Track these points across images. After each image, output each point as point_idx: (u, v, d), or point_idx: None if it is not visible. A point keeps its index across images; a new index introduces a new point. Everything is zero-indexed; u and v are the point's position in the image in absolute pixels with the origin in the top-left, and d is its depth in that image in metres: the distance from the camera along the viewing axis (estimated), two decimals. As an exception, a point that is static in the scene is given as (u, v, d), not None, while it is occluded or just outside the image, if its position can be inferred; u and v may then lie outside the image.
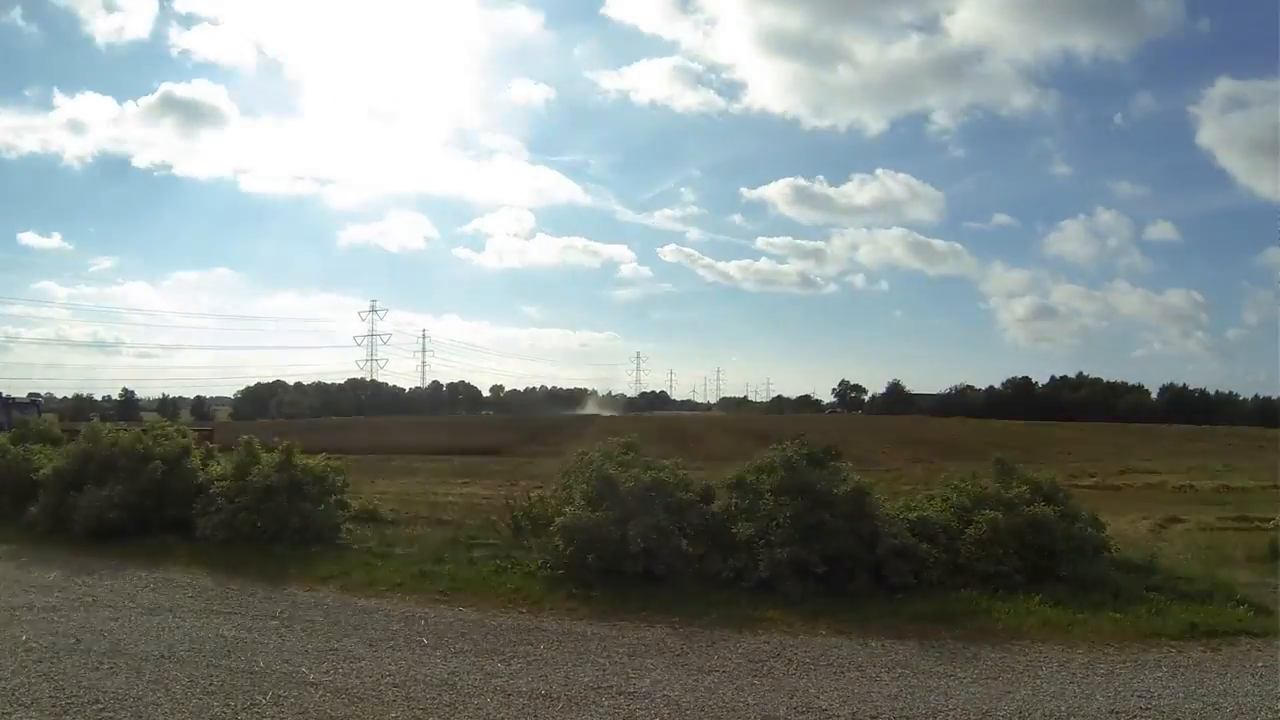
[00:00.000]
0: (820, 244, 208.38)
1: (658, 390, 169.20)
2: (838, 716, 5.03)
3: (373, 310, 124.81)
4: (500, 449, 36.00)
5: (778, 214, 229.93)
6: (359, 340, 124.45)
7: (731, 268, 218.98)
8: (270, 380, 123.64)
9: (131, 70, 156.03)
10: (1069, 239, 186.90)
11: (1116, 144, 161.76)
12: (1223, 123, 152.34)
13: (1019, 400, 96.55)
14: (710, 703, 5.23)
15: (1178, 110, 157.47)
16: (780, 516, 7.95)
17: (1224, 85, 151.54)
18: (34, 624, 6.81)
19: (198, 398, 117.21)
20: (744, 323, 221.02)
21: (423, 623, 6.96)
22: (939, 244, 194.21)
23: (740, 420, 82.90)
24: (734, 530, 8.15)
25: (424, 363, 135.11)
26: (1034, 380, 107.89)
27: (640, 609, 7.21)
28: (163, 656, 6.02)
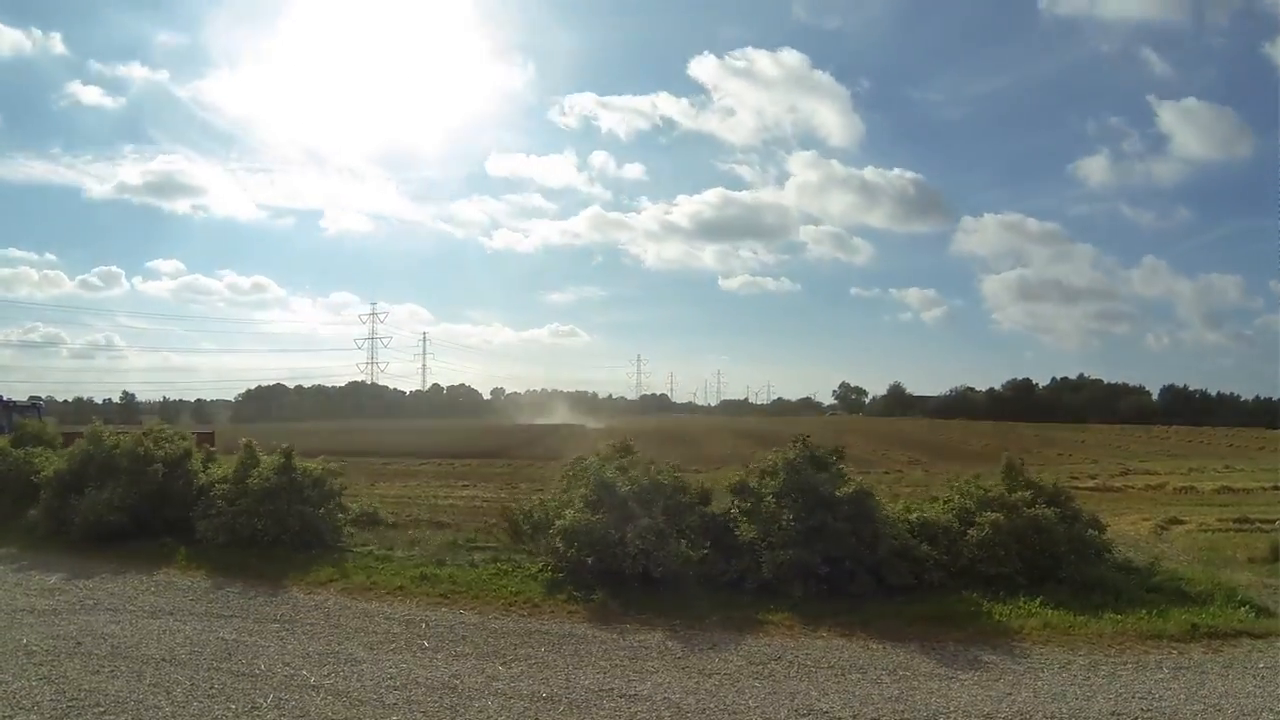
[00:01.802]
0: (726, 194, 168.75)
1: (659, 393, 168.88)
2: (839, 719, 5.03)
3: (373, 313, 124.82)
4: (500, 452, 35.99)
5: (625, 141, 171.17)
6: (359, 343, 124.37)
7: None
8: (271, 384, 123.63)
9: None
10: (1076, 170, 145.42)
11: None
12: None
13: (1020, 402, 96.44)
14: (711, 705, 5.22)
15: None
16: (782, 519, 7.94)
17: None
18: (35, 627, 6.82)
19: (198, 401, 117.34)
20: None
21: (423, 625, 6.96)
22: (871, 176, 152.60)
23: (740, 423, 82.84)
24: (736, 532, 8.15)
25: (424, 365, 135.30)
26: (1035, 382, 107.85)
27: (641, 611, 7.20)
28: (163, 659, 6.02)
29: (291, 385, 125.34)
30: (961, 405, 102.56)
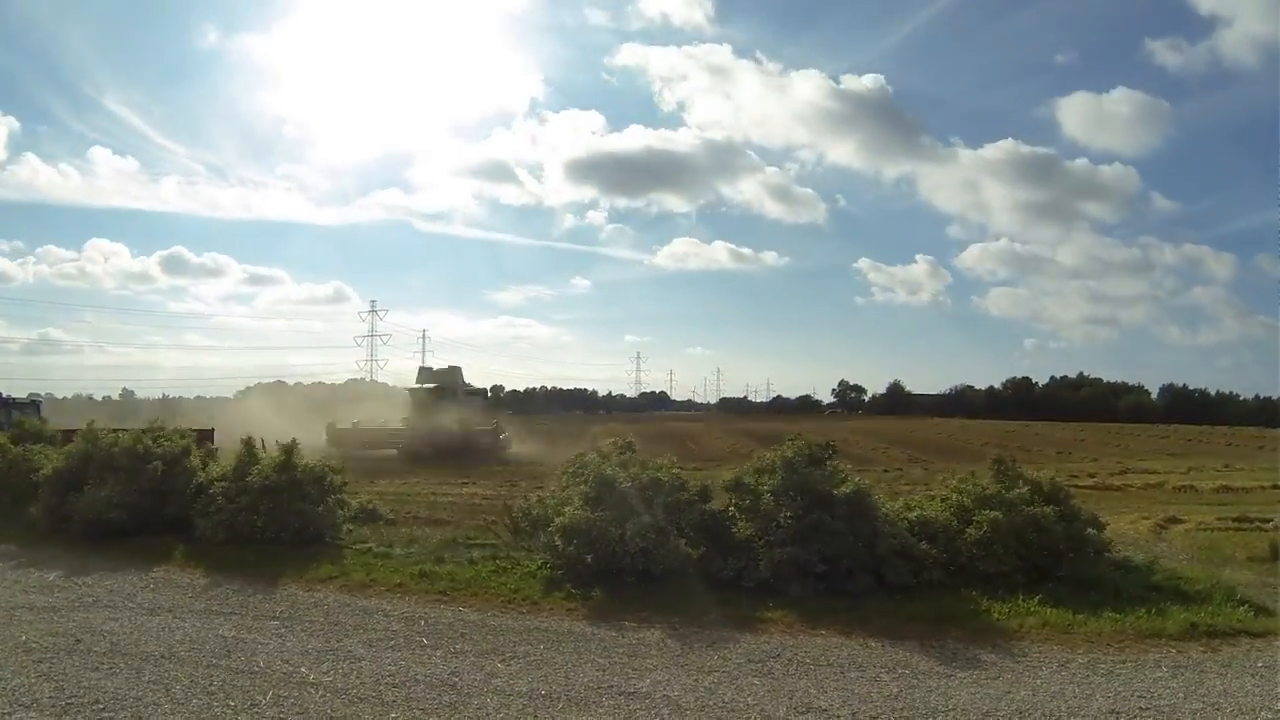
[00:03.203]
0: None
1: (658, 391, 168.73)
2: (838, 717, 5.02)
3: (373, 310, 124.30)
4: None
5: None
6: (359, 340, 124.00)
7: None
8: (271, 381, 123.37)
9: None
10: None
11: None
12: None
13: (1019, 400, 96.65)
14: (710, 703, 5.22)
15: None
16: (780, 517, 7.95)
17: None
18: (34, 624, 6.81)
19: (198, 398, 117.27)
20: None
21: (422, 623, 6.96)
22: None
23: (739, 421, 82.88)
24: (734, 530, 8.16)
25: (423, 363, 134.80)
26: (1034, 380, 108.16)
27: (640, 609, 7.20)
28: (163, 657, 6.02)
29: (290, 382, 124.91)
30: (961, 403, 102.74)
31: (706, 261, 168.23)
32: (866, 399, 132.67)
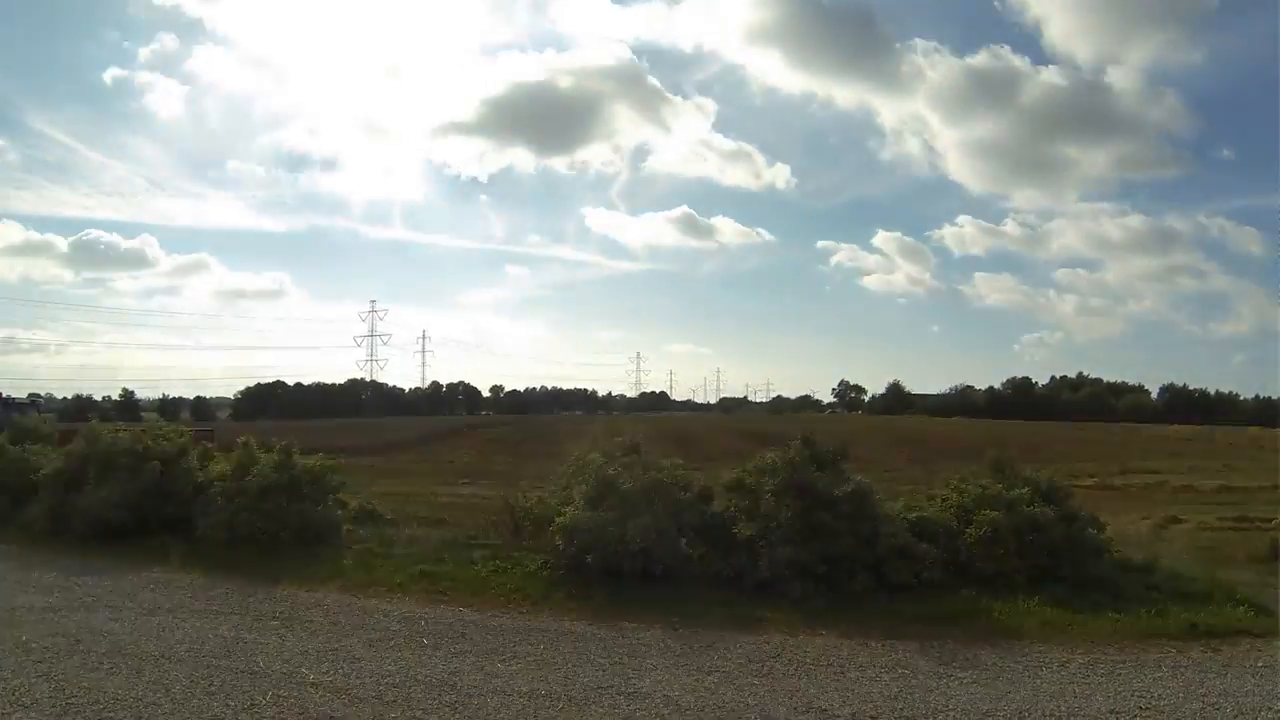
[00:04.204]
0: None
1: (658, 390, 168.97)
2: (838, 717, 5.03)
3: (372, 310, 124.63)
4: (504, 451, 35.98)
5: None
6: (359, 340, 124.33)
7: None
8: (270, 381, 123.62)
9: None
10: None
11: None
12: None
13: (1019, 401, 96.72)
14: (710, 703, 5.22)
15: None
16: (780, 517, 7.94)
17: None
18: (34, 624, 6.80)
19: (198, 398, 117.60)
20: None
21: (423, 623, 6.95)
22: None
23: (739, 421, 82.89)
24: (734, 530, 8.15)
25: (424, 363, 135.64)
26: (1034, 380, 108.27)
27: (640, 609, 7.19)
28: (162, 657, 6.01)
29: (291, 383, 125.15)
30: (961, 404, 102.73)
31: (653, 241, 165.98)
32: (866, 399, 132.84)
